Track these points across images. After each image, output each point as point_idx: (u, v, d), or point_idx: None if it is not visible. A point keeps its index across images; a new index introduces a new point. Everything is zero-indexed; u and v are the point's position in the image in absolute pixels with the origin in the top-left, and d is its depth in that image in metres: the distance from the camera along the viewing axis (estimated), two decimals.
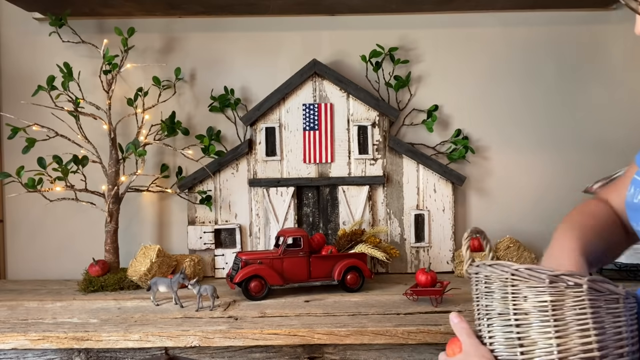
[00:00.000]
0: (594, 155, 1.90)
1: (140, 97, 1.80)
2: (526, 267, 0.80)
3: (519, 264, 0.86)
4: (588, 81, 1.92)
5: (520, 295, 0.80)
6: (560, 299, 0.78)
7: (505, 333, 0.81)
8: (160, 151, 1.90)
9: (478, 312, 0.89)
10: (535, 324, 0.79)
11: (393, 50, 1.87)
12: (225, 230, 1.86)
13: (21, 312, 1.44)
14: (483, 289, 0.86)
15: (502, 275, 0.82)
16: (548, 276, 0.78)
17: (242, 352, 1.27)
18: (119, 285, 1.68)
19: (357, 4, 1.79)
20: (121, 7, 1.78)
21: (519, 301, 0.80)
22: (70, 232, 1.91)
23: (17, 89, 1.87)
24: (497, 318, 0.83)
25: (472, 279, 0.90)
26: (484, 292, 0.86)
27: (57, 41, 1.80)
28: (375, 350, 1.27)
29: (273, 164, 1.85)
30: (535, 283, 0.79)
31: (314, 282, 1.59)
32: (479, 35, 1.91)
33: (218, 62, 1.91)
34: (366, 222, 1.83)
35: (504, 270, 0.82)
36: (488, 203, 1.92)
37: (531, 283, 0.79)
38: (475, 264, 0.89)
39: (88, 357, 1.27)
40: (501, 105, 1.92)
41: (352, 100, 1.84)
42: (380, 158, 1.85)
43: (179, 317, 1.37)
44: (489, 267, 0.85)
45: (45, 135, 1.69)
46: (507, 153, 1.92)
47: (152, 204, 1.92)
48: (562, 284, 0.77)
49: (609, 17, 1.91)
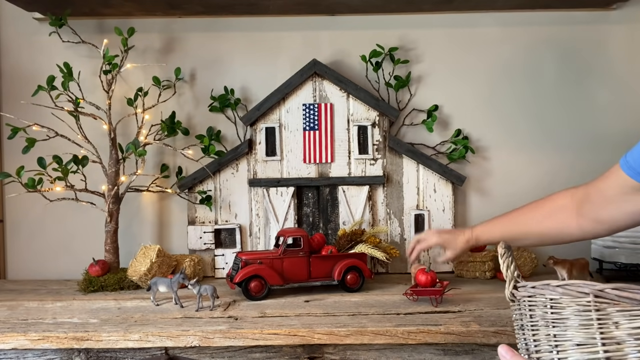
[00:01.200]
0: (594, 155, 1.90)
1: (140, 97, 1.80)
2: (613, 287, 0.70)
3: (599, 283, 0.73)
4: (588, 81, 1.92)
5: (609, 321, 0.69)
6: None
7: None
8: (160, 151, 1.90)
9: (537, 343, 0.76)
10: (632, 355, 0.68)
11: (393, 50, 1.87)
12: (225, 230, 1.86)
13: (21, 312, 1.44)
14: (549, 315, 0.74)
15: (580, 297, 0.71)
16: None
17: (242, 352, 1.27)
18: (119, 285, 1.68)
19: (357, 4, 1.79)
20: (121, 7, 1.78)
21: (608, 328, 0.69)
22: (70, 232, 1.91)
23: (17, 89, 1.88)
24: (574, 350, 0.72)
25: (524, 304, 0.79)
26: (551, 319, 0.74)
27: (57, 41, 1.80)
28: (375, 350, 1.27)
29: (273, 164, 1.85)
30: (629, 305, 0.69)
31: (314, 282, 1.59)
32: (479, 35, 1.91)
33: (218, 62, 1.91)
34: (366, 222, 1.83)
35: (582, 292, 0.71)
36: (488, 203, 1.92)
37: (623, 306, 0.69)
38: (531, 285, 0.77)
39: (88, 357, 1.27)
40: (501, 105, 1.92)
41: (352, 100, 1.84)
42: (380, 158, 1.85)
43: (179, 317, 1.37)
44: (559, 288, 0.73)
45: (45, 135, 1.69)
46: (507, 153, 1.92)
47: (152, 204, 1.92)
48: None
49: (609, 17, 1.91)
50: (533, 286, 0.77)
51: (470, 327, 1.23)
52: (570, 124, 1.92)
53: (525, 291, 0.78)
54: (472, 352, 1.26)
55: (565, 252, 1.73)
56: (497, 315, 1.32)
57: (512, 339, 1.23)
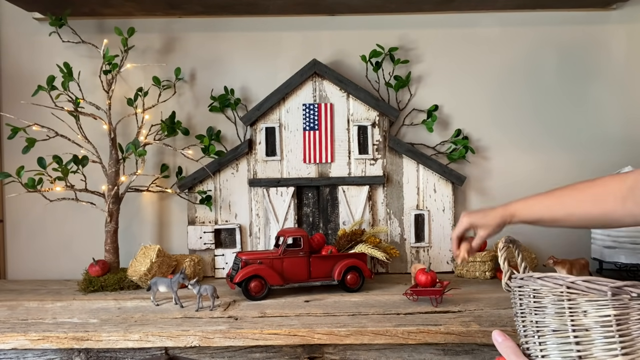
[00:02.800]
0: (594, 154, 1.90)
1: (140, 97, 1.80)
2: (584, 280, 0.75)
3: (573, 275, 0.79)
4: (588, 81, 1.92)
5: (579, 310, 0.75)
6: (625, 312, 0.73)
7: (563, 352, 0.77)
8: (160, 151, 1.90)
9: (525, 329, 0.83)
10: (598, 341, 0.74)
11: (393, 50, 1.87)
12: (225, 230, 1.86)
13: (21, 312, 1.44)
14: (532, 303, 0.81)
15: (555, 288, 0.77)
16: (610, 288, 0.73)
17: (242, 352, 1.27)
18: (119, 285, 1.68)
19: (357, 4, 1.79)
20: (121, 7, 1.78)
21: (577, 316, 0.75)
22: (70, 232, 1.91)
23: (17, 89, 1.88)
24: (551, 335, 0.78)
25: (515, 293, 0.85)
26: (533, 307, 0.81)
27: (57, 41, 1.80)
28: (375, 350, 1.26)
29: (273, 164, 1.85)
30: (596, 296, 0.74)
31: (314, 282, 1.59)
32: (479, 35, 1.91)
33: (218, 62, 1.91)
34: (366, 222, 1.83)
35: (557, 283, 0.77)
36: (488, 203, 1.91)
37: (590, 296, 0.74)
38: (520, 277, 0.84)
39: (88, 357, 1.27)
40: (501, 105, 1.92)
41: (352, 100, 1.84)
42: (380, 158, 1.85)
43: (179, 317, 1.37)
44: (539, 280, 0.80)
45: (45, 135, 1.69)
46: (507, 153, 1.92)
47: (152, 204, 1.92)
48: (625, 295, 0.73)
49: (609, 17, 1.91)
50: (522, 278, 0.83)
51: (470, 327, 1.23)
52: (571, 124, 1.92)
53: (516, 282, 0.85)
54: (472, 352, 1.26)
55: (566, 252, 1.74)
56: (497, 315, 1.32)
57: (512, 338, 1.22)
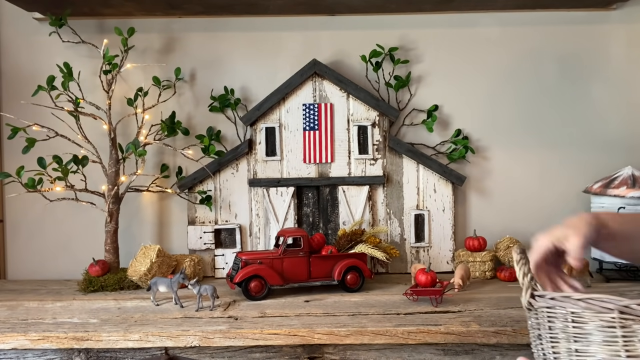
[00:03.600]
0: (594, 155, 1.90)
1: (140, 97, 1.80)
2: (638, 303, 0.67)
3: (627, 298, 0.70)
4: (588, 81, 1.92)
5: (635, 338, 0.67)
6: None
7: None
8: (160, 151, 1.90)
9: (556, 356, 0.74)
10: None
11: (393, 50, 1.87)
12: (225, 230, 1.86)
13: (21, 312, 1.44)
14: (570, 329, 0.72)
15: (604, 313, 0.68)
16: None
17: (242, 352, 1.27)
18: (119, 285, 1.68)
19: (357, 4, 1.79)
20: (121, 7, 1.78)
21: (633, 345, 0.67)
22: (70, 232, 1.91)
23: (17, 89, 1.87)
24: None
25: (542, 314, 0.76)
26: (572, 333, 0.72)
27: (57, 41, 1.80)
28: (375, 350, 1.27)
29: (273, 164, 1.85)
30: None
31: (314, 282, 1.59)
32: (479, 35, 1.91)
33: (218, 62, 1.91)
34: (366, 222, 1.83)
35: (606, 307, 0.68)
36: (488, 203, 1.92)
37: None
38: (549, 296, 0.74)
39: (88, 357, 1.27)
40: (501, 105, 1.92)
41: (352, 100, 1.84)
42: (380, 158, 1.85)
43: (179, 317, 1.37)
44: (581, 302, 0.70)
45: (45, 135, 1.69)
46: (507, 153, 1.92)
47: (152, 204, 1.92)
48: None
49: (609, 17, 1.90)
50: (552, 297, 0.74)
51: (470, 327, 1.23)
52: (571, 124, 1.92)
53: (544, 302, 0.76)
54: (472, 352, 1.26)
55: None
56: (497, 315, 1.32)
57: (512, 338, 1.23)
